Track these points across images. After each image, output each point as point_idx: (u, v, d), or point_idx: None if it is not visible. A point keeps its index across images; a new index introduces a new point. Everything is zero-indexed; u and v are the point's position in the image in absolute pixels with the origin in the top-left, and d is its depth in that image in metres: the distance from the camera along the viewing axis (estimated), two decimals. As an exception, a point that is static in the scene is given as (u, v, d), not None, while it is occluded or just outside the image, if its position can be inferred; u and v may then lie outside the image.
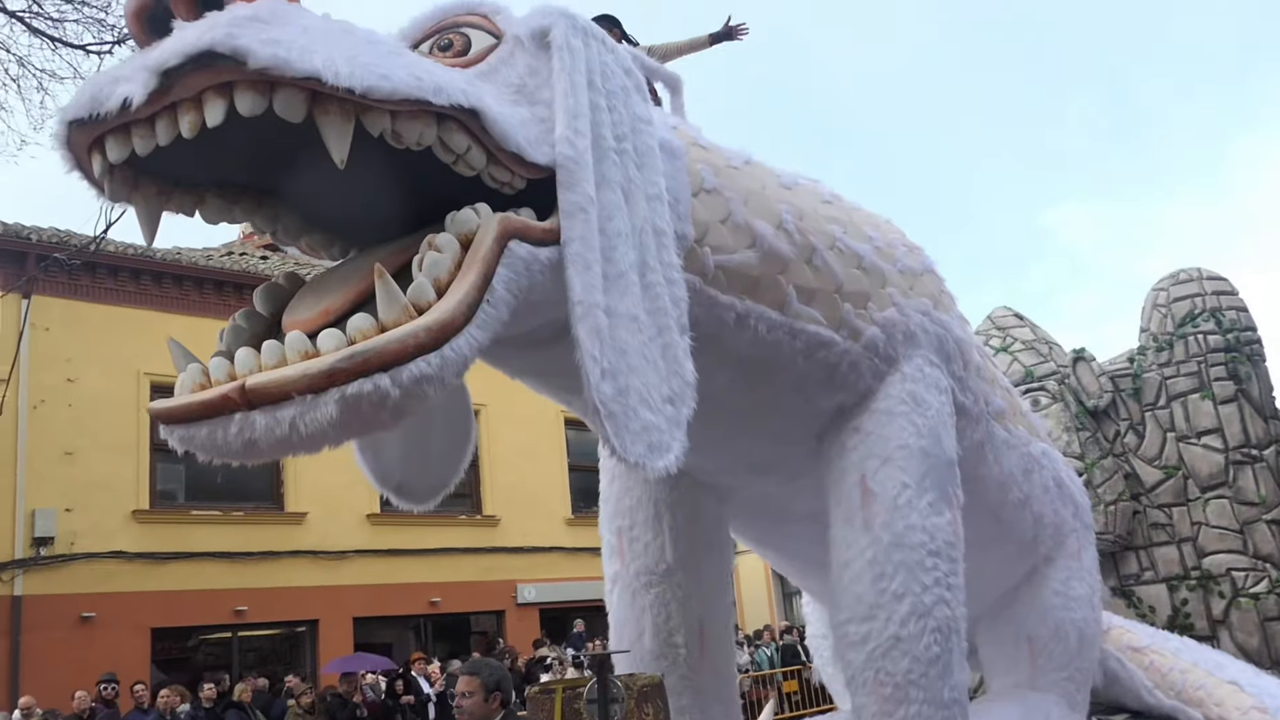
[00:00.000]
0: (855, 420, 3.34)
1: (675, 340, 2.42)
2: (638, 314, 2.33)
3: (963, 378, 3.68)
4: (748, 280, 2.91)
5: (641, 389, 2.26)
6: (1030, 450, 4.28)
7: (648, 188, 2.52)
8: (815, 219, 3.24)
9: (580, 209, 2.29)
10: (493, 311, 2.06)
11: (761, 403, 3.24)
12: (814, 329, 3.10)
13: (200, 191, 2.26)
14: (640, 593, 3.60)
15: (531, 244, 2.21)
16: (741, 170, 3.10)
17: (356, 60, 1.90)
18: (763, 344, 2.98)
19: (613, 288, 2.31)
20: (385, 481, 2.76)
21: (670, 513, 3.65)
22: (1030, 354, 8.38)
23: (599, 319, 2.22)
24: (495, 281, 2.08)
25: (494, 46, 2.45)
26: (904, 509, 3.17)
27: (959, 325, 3.75)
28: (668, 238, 2.51)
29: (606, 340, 2.21)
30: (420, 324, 1.91)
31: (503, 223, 2.16)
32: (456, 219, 2.15)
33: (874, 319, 3.31)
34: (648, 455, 2.22)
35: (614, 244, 2.35)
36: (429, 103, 2.02)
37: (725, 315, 2.86)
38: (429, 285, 2.00)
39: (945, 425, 3.37)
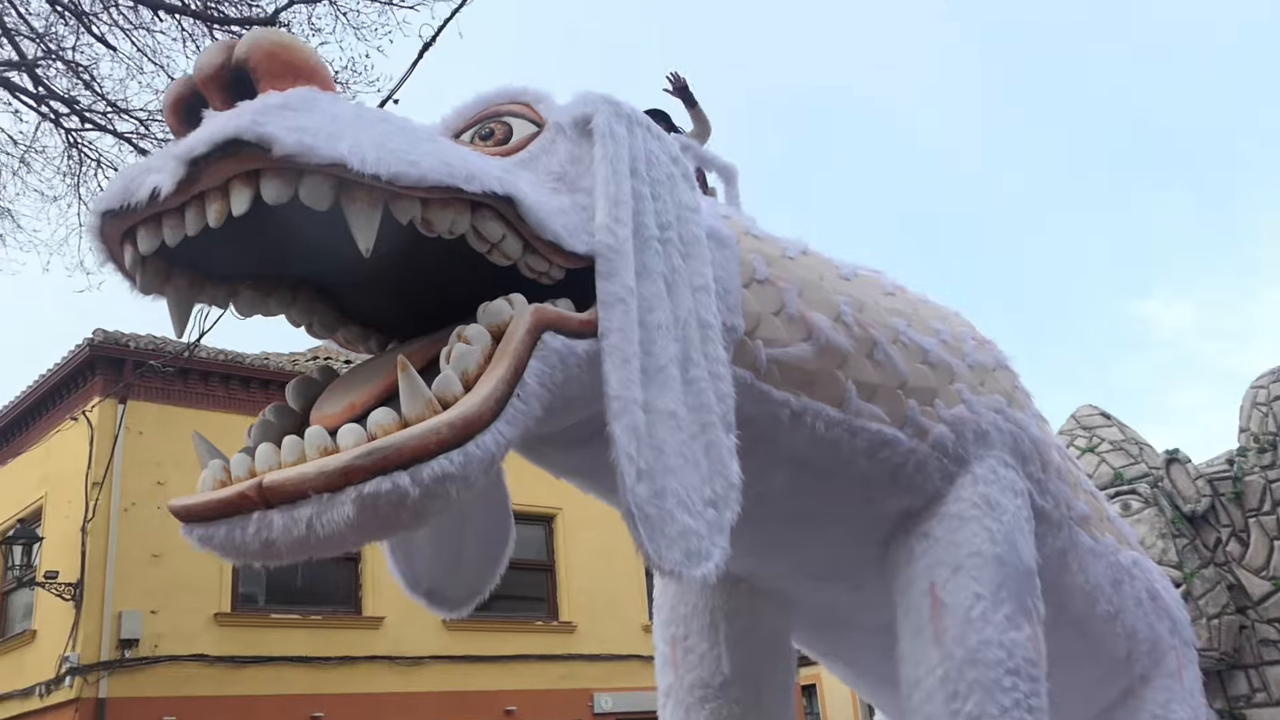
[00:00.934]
0: (923, 525, 3.14)
1: (720, 439, 2.30)
2: (678, 410, 2.23)
3: (1041, 480, 3.46)
4: (804, 375, 2.78)
5: (680, 491, 2.15)
6: (1119, 559, 4.00)
7: (693, 278, 2.44)
8: (876, 311, 3.11)
9: (619, 300, 2.22)
10: (524, 407, 1.97)
11: (821, 506, 3.07)
12: (876, 427, 2.94)
13: (234, 284, 2.25)
14: (694, 708, 3.39)
15: (568, 336, 2.13)
16: (797, 260, 3.00)
17: (384, 147, 1.86)
18: (821, 443, 2.83)
19: (652, 382, 2.21)
20: (415, 586, 2.66)
21: (727, 622, 3.46)
22: (1119, 455, 7.94)
23: (636, 415, 2.12)
24: (527, 375, 2.00)
25: (535, 134, 2.43)
26: (978, 622, 2.93)
27: (1036, 424, 3.54)
28: (714, 330, 2.41)
29: (643, 438, 2.11)
30: (443, 419, 1.83)
31: (536, 313, 2.09)
32: (488, 310, 2.09)
33: (941, 417, 3.13)
34: (684, 563, 2.10)
35: (654, 337, 2.26)
36: (460, 190, 1.98)
37: (780, 412, 2.73)
38: (456, 378, 1.94)
39: (1022, 531, 3.14)
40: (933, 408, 3.10)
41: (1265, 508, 7.64)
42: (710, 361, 2.37)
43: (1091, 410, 8.48)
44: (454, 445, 1.80)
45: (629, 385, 2.13)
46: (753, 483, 2.49)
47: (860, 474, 2.96)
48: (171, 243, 1.91)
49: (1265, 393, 8.07)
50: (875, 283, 3.31)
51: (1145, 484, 7.64)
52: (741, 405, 2.49)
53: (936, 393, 3.13)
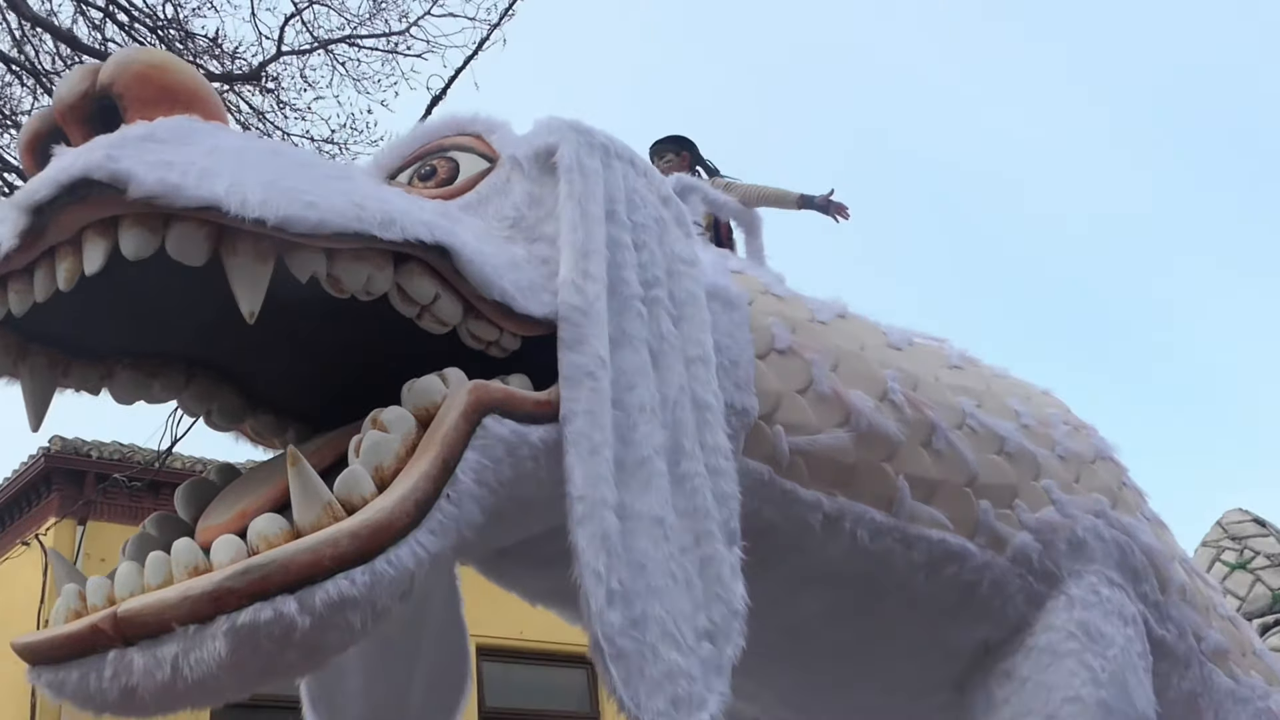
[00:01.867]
0: (1006, 662, 2.68)
1: (719, 552, 1.98)
2: (664, 515, 1.92)
3: (1160, 603, 2.97)
4: (840, 470, 2.42)
5: (666, 619, 1.83)
6: (1268, 705, 3.41)
7: (688, 347, 2.13)
8: (936, 389, 2.74)
9: (587, 374, 1.92)
10: (455, 511, 1.69)
11: (871, 638, 2.68)
12: (938, 535, 2.55)
13: (109, 363, 1.97)
14: None
15: (518, 420, 1.85)
16: (831, 326, 2.66)
17: (275, 185, 1.61)
18: (865, 556, 2.46)
19: (630, 480, 1.91)
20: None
21: None
22: (1277, 573, 7.02)
23: (606, 521, 1.82)
24: (461, 470, 1.72)
25: (487, 171, 2.17)
26: None
27: (1151, 531, 3.07)
28: (713, 412, 2.10)
29: (617, 550, 1.81)
30: (344, 528, 1.56)
31: (476, 392, 1.80)
32: (415, 388, 1.81)
33: (1024, 522, 2.70)
34: (671, 713, 1.76)
35: (634, 421, 1.96)
36: (375, 237, 1.71)
37: (809, 517, 2.36)
38: (366, 476, 1.67)
39: (1134, 669, 2.68)
40: (1012, 510, 2.70)
41: None
42: (708, 452, 2.05)
43: (1243, 515, 7.73)
44: (357, 561, 1.54)
45: (598, 483, 1.84)
46: (778, 610, 2.29)
47: (920, 596, 2.58)
48: (18, 311, 1.68)
49: None
50: (935, 353, 2.95)
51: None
52: (757, 509, 2.23)
53: (1017, 491, 2.73)
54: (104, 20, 9.05)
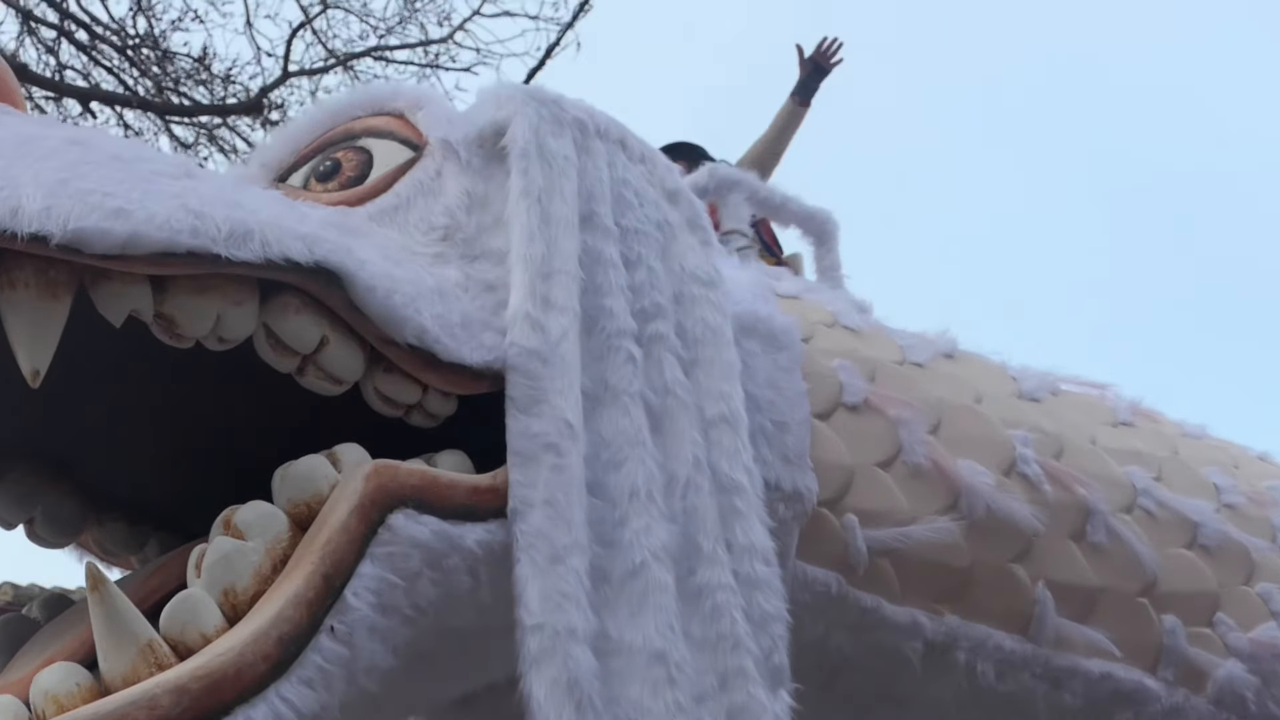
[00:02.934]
0: None
1: (758, 700, 1.44)
2: (668, 650, 1.41)
3: None
4: (948, 576, 1.88)
5: None
6: None
7: (705, 404, 1.62)
8: (1092, 456, 2.16)
9: (547, 447, 1.44)
10: (342, 652, 1.25)
11: None
12: (1100, 668, 1.97)
13: None
14: None
15: (447, 517, 1.40)
16: (931, 370, 2.11)
17: (68, 186, 1.18)
18: (992, 700, 1.91)
19: (617, 599, 1.43)
20: None
21: None
22: None
23: (575, 660, 1.33)
24: (352, 591, 1.28)
25: (411, 163, 1.70)
26: None
27: None
28: (746, 497, 1.58)
29: (591, 702, 1.33)
30: (165, 680, 1.16)
31: (377, 477, 1.36)
32: (290, 475, 1.38)
33: (1231, 645, 2.09)
34: None
35: (623, 514, 1.47)
36: (220, 258, 1.27)
37: (904, 646, 1.83)
38: (210, 603, 1.28)
39: None
40: (1213, 629, 2.12)
41: None
42: (739, 555, 1.54)
43: None
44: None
45: (562, 605, 1.36)
46: None
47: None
48: None
49: None
50: (1091, 404, 2.39)
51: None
52: (824, 635, 1.78)
53: (1219, 601, 2.15)
54: (58, 41, 7.84)
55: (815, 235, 2.85)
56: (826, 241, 2.81)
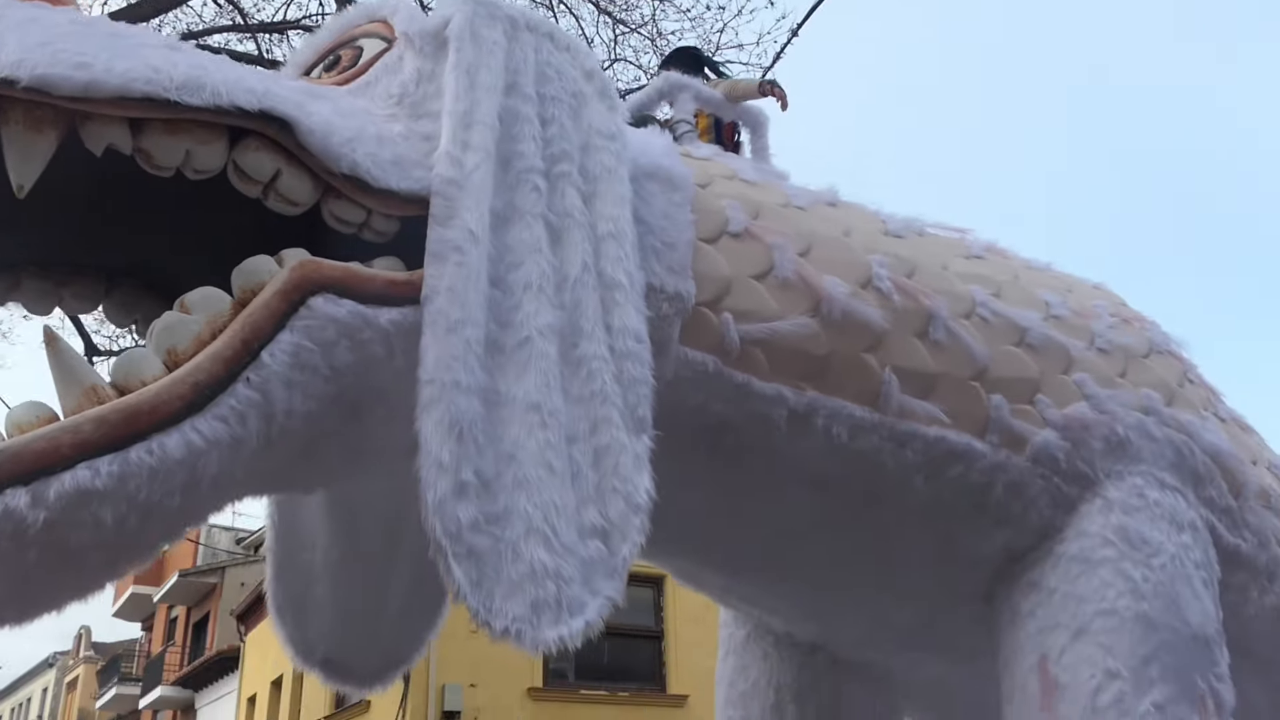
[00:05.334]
0: (1032, 572, 2.40)
1: (621, 441, 1.78)
2: (543, 401, 1.73)
3: (1232, 509, 2.60)
4: (808, 361, 2.18)
5: (537, 514, 1.64)
6: None
7: (598, 223, 1.94)
8: (940, 276, 2.45)
9: (454, 249, 1.75)
10: (255, 396, 1.54)
11: (873, 546, 2.43)
12: (936, 433, 2.28)
13: (15, 273, 1.86)
14: None
15: (364, 301, 1.69)
16: (810, 212, 2.40)
17: (45, 47, 1.47)
18: (848, 456, 2.21)
19: (507, 363, 1.74)
20: (308, 655, 2.24)
21: (797, 704, 2.79)
22: None
23: (458, 405, 1.63)
24: (269, 352, 1.57)
25: (383, 52, 2.05)
26: (1109, 712, 2.16)
27: (1221, 430, 2.69)
28: (624, 292, 1.89)
29: (470, 438, 1.63)
30: (90, 412, 1.43)
31: (301, 269, 1.66)
32: (243, 269, 1.68)
33: (1048, 418, 2.39)
34: (529, 619, 1.57)
35: (517, 301, 1.79)
36: (171, 103, 1.55)
37: (772, 413, 2.14)
38: (152, 359, 1.55)
39: (1187, 579, 2.33)
40: (1033, 406, 2.40)
41: None
42: (615, 335, 1.86)
43: None
44: (105, 449, 1.39)
45: (451, 365, 1.66)
46: (761, 515, 2.15)
47: (922, 499, 2.32)
48: None
49: None
50: (950, 243, 2.65)
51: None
52: (703, 403, 2.06)
53: (1039, 385, 2.43)
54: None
55: (750, 127, 3.32)
56: (758, 130, 3.28)
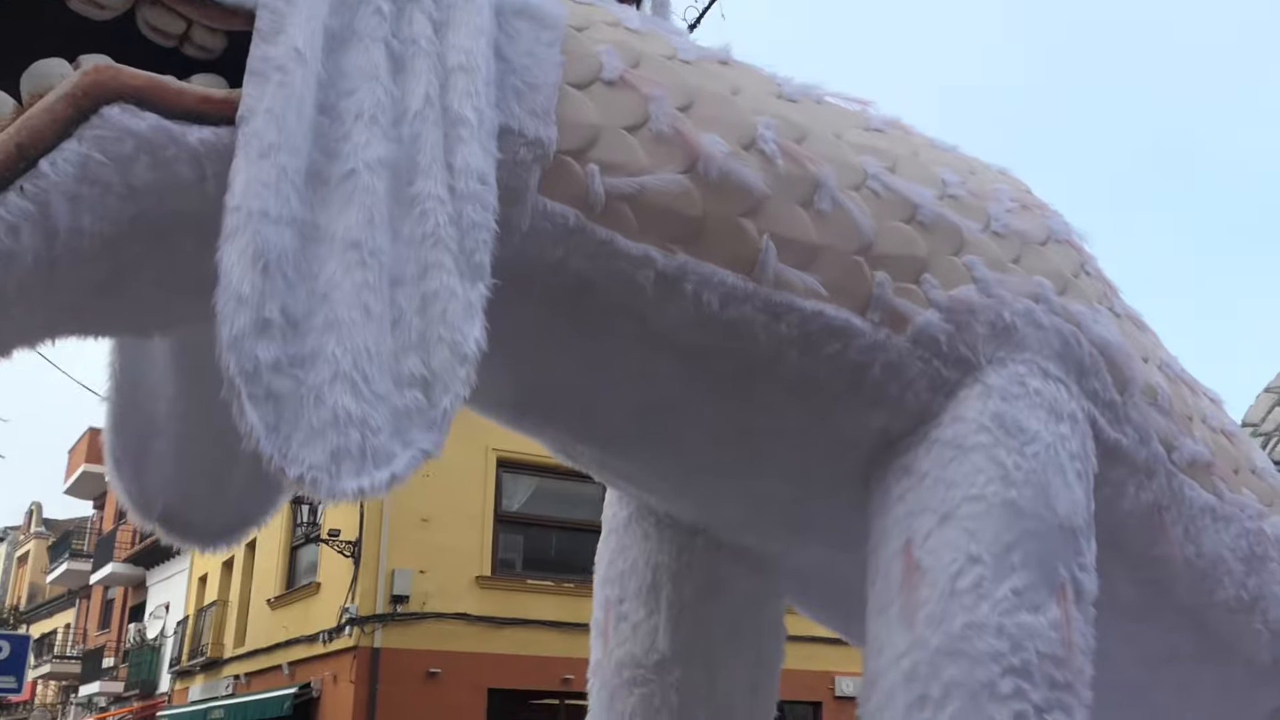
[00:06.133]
0: (906, 456, 2.31)
1: (451, 288, 1.64)
2: (364, 239, 1.59)
3: (1115, 403, 2.51)
4: (679, 222, 2.04)
5: (343, 358, 1.52)
6: (1260, 526, 2.94)
7: (449, 55, 1.77)
8: (831, 144, 2.30)
9: (277, 68, 1.59)
10: (26, 208, 1.41)
11: (747, 422, 2.32)
12: (813, 307, 2.15)
13: None
14: (620, 692, 2.71)
15: (171, 116, 1.53)
16: (697, 67, 2.23)
17: None
18: (718, 326, 2.09)
19: (331, 196, 1.60)
20: (145, 510, 2.10)
21: (674, 584, 2.73)
22: None
23: (264, 236, 1.49)
24: (49, 163, 1.43)
25: None
26: (966, 596, 2.09)
27: (1112, 323, 2.59)
28: (471, 130, 1.73)
29: (278, 272, 1.50)
30: None
31: (95, 74, 1.50)
32: (33, 73, 1.52)
33: (932, 299, 2.28)
34: (328, 468, 1.46)
35: (346, 130, 1.64)
36: None
37: (637, 274, 2.00)
38: None
39: (1060, 470, 2.25)
40: (918, 285, 2.28)
41: None
42: (457, 175, 1.70)
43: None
44: None
45: (261, 192, 1.51)
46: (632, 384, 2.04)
47: (796, 375, 2.21)
48: None
49: None
50: (848, 114, 2.49)
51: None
52: (562, 258, 1.92)
53: (927, 264, 2.31)
54: None
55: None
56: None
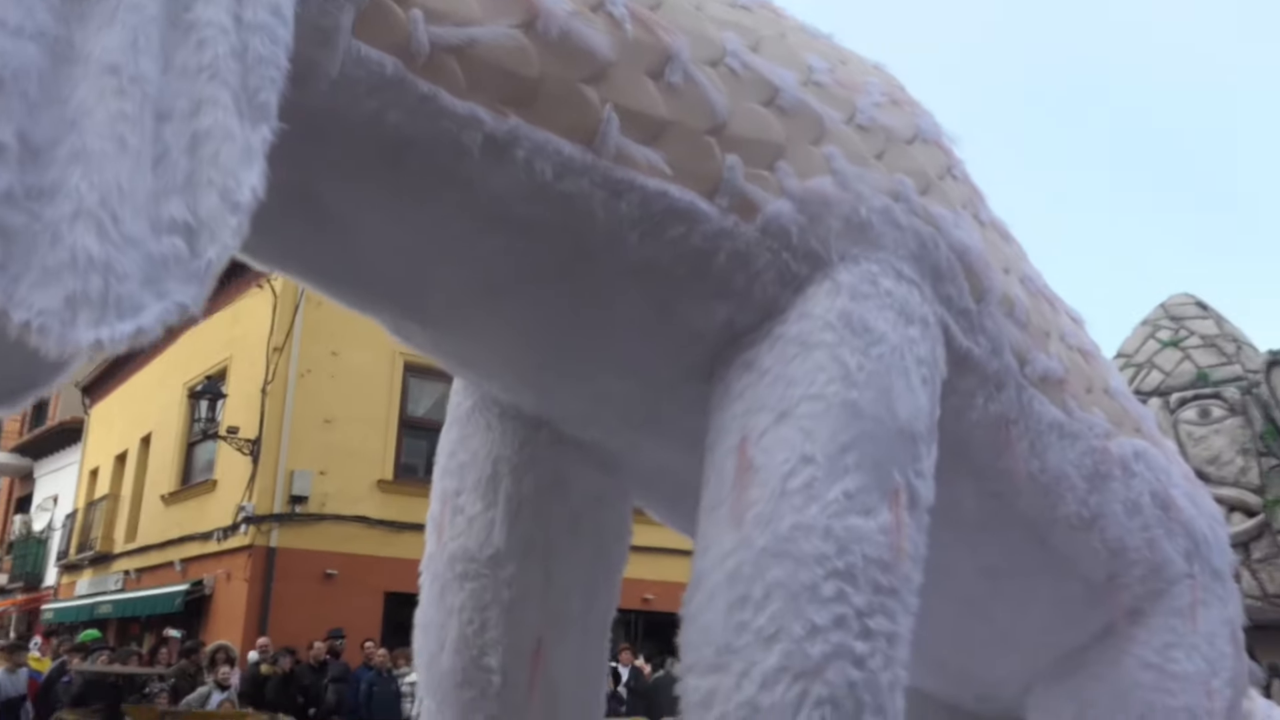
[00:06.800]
0: (750, 351, 2.19)
1: (228, 128, 1.45)
2: (126, 65, 1.39)
3: (970, 311, 2.42)
4: (516, 84, 1.86)
5: (88, 194, 1.32)
6: (1107, 446, 2.90)
7: None
8: (689, 15, 2.14)
9: None
10: None
11: (584, 307, 2.17)
12: (657, 186, 2.00)
13: None
14: (451, 586, 2.57)
15: None
16: None
17: None
18: (553, 199, 1.93)
19: (90, 14, 1.40)
20: None
21: (514, 478, 2.59)
22: (1209, 352, 6.58)
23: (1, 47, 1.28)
24: None
25: None
26: (796, 496, 1.99)
27: (971, 230, 2.49)
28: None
29: (16, 91, 1.30)
30: None
31: None
32: None
33: (786, 188, 2.14)
34: (61, 315, 1.29)
35: None
36: None
37: (462, 135, 1.82)
38: None
39: (905, 374, 2.15)
40: (771, 172, 2.14)
41: (1393, 431, 6.01)
42: (245, 3, 1.50)
43: (1186, 299, 7.11)
44: None
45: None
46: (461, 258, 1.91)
47: (638, 260, 2.06)
48: None
49: None
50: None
51: (1236, 388, 6.16)
52: (378, 111, 1.74)
53: (783, 151, 2.16)
54: None
55: None
56: None
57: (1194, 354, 6.73)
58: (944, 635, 2.95)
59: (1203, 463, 6.02)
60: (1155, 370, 6.82)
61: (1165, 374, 6.71)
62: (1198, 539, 3.23)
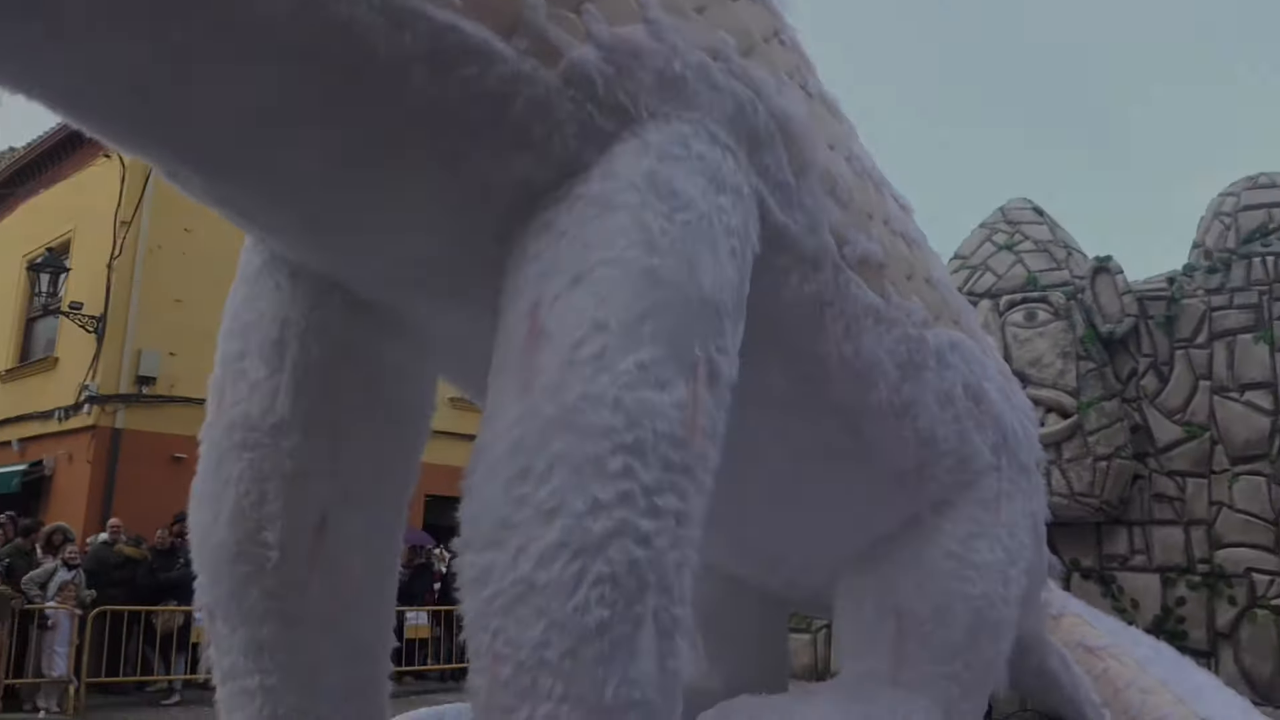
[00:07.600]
0: (548, 212, 2.00)
1: None
2: None
3: (788, 185, 2.26)
4: None
5: None
6: (923, 335, 2.83)
7: None
8: None
9: None
10: None
11: (375, 153, 1.94)
12: (446, 19, 1.77)
13: None
14: (230, 456, 2.37)
15: None
16: None
17: None
18: (323, 23, 1.68)
19: None
20: None
21: (300, 342, 2.37)
22: (1040, 257, 6.74)
23: None
24: None
25: None
26: (586, 366, 1.83)
27: (796, 99, 2.33)
28: None
29: None
30: None
31: None
32: None
33: (594, 34, 1.94)
34: None
35: None
36: None
37: None
38: None
39: (712, 243, 1.98)
40: (578, 16, 1.94)
41: (1199, 339, 6.37)
42: None
43: (1024, 204, 7.27)
44: None
45: None
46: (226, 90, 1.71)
47: (424, 100, 1.83)
48: None
49: (1234, 200, 6.73)
50: None
51: (1061, 293, 6.31)
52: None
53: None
54: None
55: None
56: None
57: (1026, 258, 6.86)
58: (751, 519, 2.89)
59: (1025, 364, 6.17)
60: (989, 273, 6.94)
61: (998, 276, 6.84)
62: (1006, 433, 3.23)
